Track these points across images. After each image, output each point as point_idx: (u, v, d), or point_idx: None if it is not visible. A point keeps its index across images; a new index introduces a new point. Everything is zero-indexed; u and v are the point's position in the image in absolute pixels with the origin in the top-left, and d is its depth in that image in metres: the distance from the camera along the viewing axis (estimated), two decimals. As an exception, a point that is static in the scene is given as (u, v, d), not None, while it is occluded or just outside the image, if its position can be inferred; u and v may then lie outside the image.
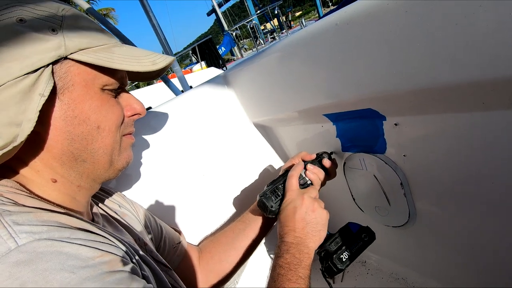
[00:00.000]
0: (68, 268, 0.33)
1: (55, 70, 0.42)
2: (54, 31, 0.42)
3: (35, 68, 0.39)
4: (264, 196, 0.72)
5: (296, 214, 0.64)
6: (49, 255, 0.33)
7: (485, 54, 0.40)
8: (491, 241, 0.67)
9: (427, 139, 0.62)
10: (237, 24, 13.54)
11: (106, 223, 0.57)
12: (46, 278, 0.32)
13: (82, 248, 0.36)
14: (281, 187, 0.74)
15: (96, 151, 0.48)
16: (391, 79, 0.54)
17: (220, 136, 1.01)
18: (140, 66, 0.48)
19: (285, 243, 0.61)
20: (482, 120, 0.51)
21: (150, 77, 0.62)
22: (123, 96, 0.54)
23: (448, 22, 0.41)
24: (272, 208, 0.71)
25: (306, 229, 0.63)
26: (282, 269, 0.57)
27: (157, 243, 0.72)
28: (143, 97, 4.03)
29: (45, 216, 0.38)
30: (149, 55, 0.51)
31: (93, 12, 1.81)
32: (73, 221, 0.41)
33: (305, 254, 0.60)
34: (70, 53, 0.43)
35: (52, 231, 0.36)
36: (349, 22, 0.53)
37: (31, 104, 0.38)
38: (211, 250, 0.80)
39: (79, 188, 0.49)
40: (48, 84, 0.40)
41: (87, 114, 0.46)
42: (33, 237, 0.34)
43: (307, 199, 0.67)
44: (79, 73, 0.45)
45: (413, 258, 0.94)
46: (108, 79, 0.48)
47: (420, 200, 0.75)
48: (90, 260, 0.36)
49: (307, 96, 0.76)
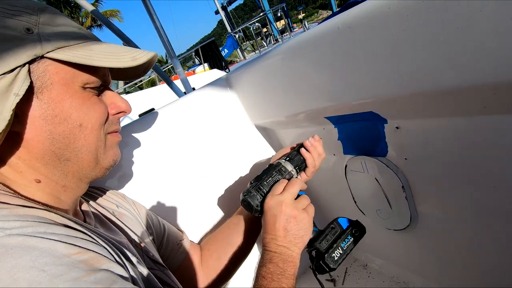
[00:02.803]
0: (39, 266, 0.31)
1: (32, 70, 0.42)
2: (29, 30, 0.42)
3: (11, 68, 0.38)
4: (248, 195, 0.67)
5: (276, 223, 0.61)
6: (20, 251, 0.32)
7: (485, 58, 0.40)
8: (492, 244, 0.67)
9: (429, 142, 0.62)
10: (240, 26, 13.58)
11: (98, 223, 0.57)
12: (14, 276, 0.30)
13: (58, 244, 0.34)
14: (266, 184, 0.69)
15: (79, 149, 0.48)
16: (392, 83, 0.54)
17: (222, 138, 1.02)
18: (118, 63, 0.48)
19: (268, 253, 0.60)
20: (483, 124, 0.51)
21: (136, 75, 0.61)
22: (107, 94, 0.53)
23: (449, 26, 0.41)
24: (257, 208, 0.66)
25: (288, 237, 0.61)
26: (265, 279, 0.55)
27: (160, 240, 0.73)
28: (146, 98, 4.05)
29: (20, 211, 0.38)
30: (129, 51, 0.50)
31: (97, 13, 1.82)
32: (52, 216, 0.40)
33: (289, 263, 0.58)
34: (46, 51, 0.42)
35: (26, 226, 0.35)
36: (351, 25, 0.54)
37: (6, 103, 0.38)
38: (209, 247, 0.80)
39: (64, 188, 0.49)
40: (24, 84, 0.40)
41: (68, 113, 0.45)
42: (4, 233, 0.33)
43: (285, 207, 0.62)
44: (57, 72, 0.44)
45: (415, 261, 0.93)
46: (88, 77, 0.48)
47: (421, 203, 0.75)
48: (65, 257, 0.34)
49: (309, 99, 0.76)
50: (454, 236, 0.74)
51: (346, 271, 1.14)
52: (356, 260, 1.17)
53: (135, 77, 0.62)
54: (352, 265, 1.16)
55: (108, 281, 0.35)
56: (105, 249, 0.41)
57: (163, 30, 1.84)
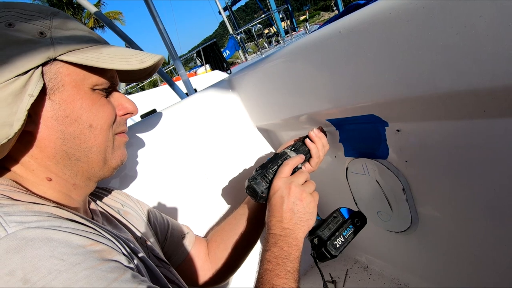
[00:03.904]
0: (57, 255, 0.33)
1: (45, 72, 0.43)
2: (42, 34, 0.43)
3: (25, 70, 0.40)
4: (254, 181, 0.68)
5: (283, 205, 0.62)
6: (39, 242, 0.34)
7: (485, 63, 0.41)
8: (492, 246, 0.67)
9: (429, 145, 0.63)
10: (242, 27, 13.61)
11: (105, 221, 0.59)
12: (35, 264, 0.32)
13: (73, 236, 0.37)
14: (271, 171, 0.70)
15: (89, 149, 0.49)
16: (393, 86, 0.54)
17: (224, 139, 1.03)
18: (127, 65, 0.49)
19: (273, 235, 0.60)
20: (483, 127, 0.52)
21: (142, 77, 0.63)
22: (114, 95, 0.55)
23: (449, 32, 0.42)
24: (262, 194, 0.67)
25: (294, 219, 0.61)
26: (270, 263, 0.56)
27: (164, 235, 0.74)
28: (148, 99, 4.06)
29: (36, 207, 0.39)
30: (137, 54, 0.52)
31: (100, 15, 1.84)
32: (64, 213, 0.41)
33: (294, 246, 0.58)
34: (59, 54, 0.44)
35: (42, 220, 0.37)
36: (353, 30, 0.54)
37: (21, 104, 0.40)
38: (216, 239, 0.81)
39: (74, 186, 0.51)
40: (38, 85, 0.41)
41: (78, 114, 0.47)
42: (23, 226, 0.35)
43: (294, 188, 0.64)
44: (69, 74, 0.46)
45: (415, 263, 0.94)
46: (98, 78, 0.49)
47: (422, 206, 0.75)
48: (81, 248, 0.36)
49: (310, 101, 0.77)
50: (455, 238, 0.74)
51: (347, 272, 1.14)
52: (356, 262, 1.17)
53: (141, 79, 0.64)
54: (353, 267, 1.16)
55: (120, 270, 0.37)
56: (112, 243, 0.42)
57: (166, 32, 1.86)
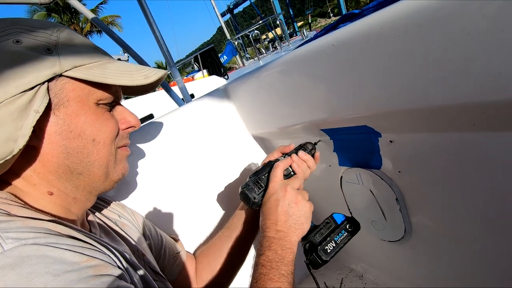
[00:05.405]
0: (53, 272, 0.34)
1: (51, 87, 0.44)
2: (49, 50, 0.44)
3: (31, 86, 0.40)
4: (246, 188, 0.68)
5: (278, 207, 0.62)
6: (35, 259, 0.34)
7: (474, 78, 0.42)
8: (486, 256, 0.67)
9: (422, 156, 0.64)
10: (240, 33, 13.70)
11: (103, 233, 0.58)
12: (31, 280, 0.32)
13: (68, 253, 0.37)
14: (264, 178, 0.70)
15: (92, 163, 0.49)
16: (385, 99, 0.55)
17: (220, 147, 1.03)
18: (132, 81, 0.50)
19: (267, 238, 0.59)
20: (474, 140, 0.53)
21: (144, 91, 0.63)
22: (117, 109, 0.55)
23: (438, 47, 0.43)
24: (255, 200, 0.67)
25: (288, 222, 0.61)
26: (264, 267, 0.55)
27: (158, 252, 0.73)
28: (145, 103, 4.06)
29: (32, 223, 0.39)
30: (142, 70, 0.53)
31: (97, 21, 1.84)
32: (60, 228, 0.41)
33: (287, 249, 0.58)
34: (64, 70, 0.44)
35: (39, 237, 0.37)
36: (345, 44, 0.55)
37: (27, 120, 0.40)
38: (202, 260, 0.81)
39: (74, 200, 0.50)
40: (43, 101, 0.41)
41: (82, 128, 0.47)
42: (20, 243, 0.35)
43: (290, 191, 0.64)
44: (74, 89, 0.46)
45: (410, 272, 0.94)
46: (102, 93, 0.50)
47: (415, 216, 0.76)
48: (76, 264, 0.36)
49: (305, 111, 0.77)
50: (448, 247, 0.74)
51: (341, 281, 1.14)
52: (351, 271, 1.17)
53: (143, 93, 0.65)
54: (347, 276, 1.16)
55: (114, 284, 0.38)
56: (109, 257, 0.42)
57: (163, 39, 1.87)
